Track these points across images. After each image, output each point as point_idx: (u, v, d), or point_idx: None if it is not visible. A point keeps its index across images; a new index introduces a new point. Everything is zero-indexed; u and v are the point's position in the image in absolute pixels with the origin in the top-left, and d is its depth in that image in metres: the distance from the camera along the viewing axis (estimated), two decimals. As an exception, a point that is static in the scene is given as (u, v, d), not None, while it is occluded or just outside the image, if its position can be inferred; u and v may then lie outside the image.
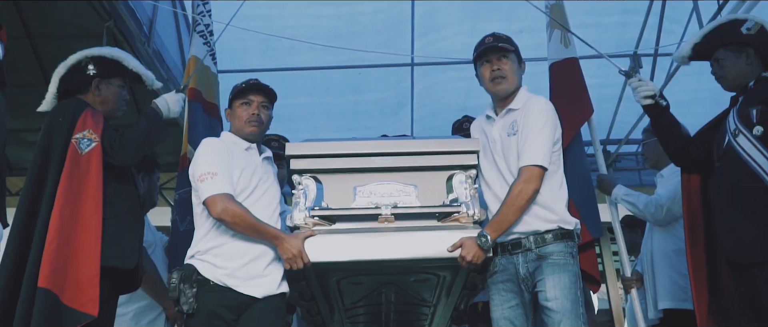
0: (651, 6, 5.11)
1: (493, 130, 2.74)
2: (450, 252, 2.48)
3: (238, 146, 2.73)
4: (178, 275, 2.55)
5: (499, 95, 2.75)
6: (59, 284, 2.38)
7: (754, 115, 2.56)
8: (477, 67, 2.82)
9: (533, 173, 2.54)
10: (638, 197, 3.49)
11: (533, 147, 2.56)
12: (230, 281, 2.54)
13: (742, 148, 2.56)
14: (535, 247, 2.56)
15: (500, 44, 2.72)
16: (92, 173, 2.59)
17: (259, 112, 2.75)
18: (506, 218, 2.52)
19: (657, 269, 3.52)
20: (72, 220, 2.49)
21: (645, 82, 2.93)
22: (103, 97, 2.86)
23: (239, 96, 2.78)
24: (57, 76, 2.86)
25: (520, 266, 2.59)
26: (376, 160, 2.64)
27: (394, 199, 2.59)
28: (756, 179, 2.49)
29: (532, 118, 2.61)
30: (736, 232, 2.53)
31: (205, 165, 2.60)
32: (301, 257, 2.48)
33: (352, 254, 2.51)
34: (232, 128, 2.82)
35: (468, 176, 2.63)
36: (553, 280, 2.51)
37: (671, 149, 2.96)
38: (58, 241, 2.42)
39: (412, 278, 2.77)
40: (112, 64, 2.89)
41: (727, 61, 2.75)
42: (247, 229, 2.54)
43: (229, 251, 2.57)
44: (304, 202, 2.60)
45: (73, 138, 2.62)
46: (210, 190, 2.54)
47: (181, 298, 2.50)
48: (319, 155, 2.65)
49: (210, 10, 4.17)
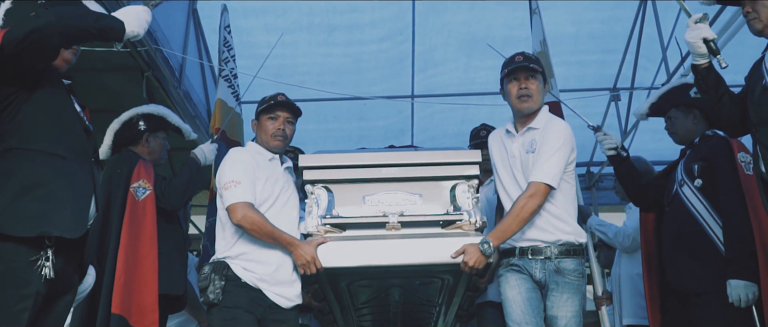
0: (628, 46, 5.56)
1: (513, 146, 2.84)
2: (453, 258, 2.56)
3: (262, 156, 2.85)
4: (210, 268, 2.68)
5: (523, 112, 2.83)
6: (127, 310, 2.94)
7: (696, 170, 2.97)
8: (504, 84, 2.89)
9: (539, 189, 2.64)
10: (608, 227, 4.00)
11: (546, 166, 2.66)
12: (261, 285, 2.67)
13: (685, 197, 2.97)
14: (554, 257, 2.69)
15: (531, 65, 2.80)
16: (148, 217, 3.14)
17: (284, 127, 2.87)
18: (510, 228, 2.63)
19: (623, 290, 4.01)
20: (134, 257, 3.04)
21: (609, 136, 3.36)
22: (151, 148, 3.42)
23: (267, 110, 2.87)
24: (112, 131, 3.40)
25: (538, 271, 2.71)
26: (384, 170, 2.72)
27: (401, 208, 2.68)
28: (696, 224, 2.88)
29: (550, 138, 2.72)
30: (678, 267, 2.94)
31: (231, 174, 2.72)
32: (314, 263, 2.58)
33: (362, 260, 2.60)
34: (257, 139, 2.94)
35: (470, 186, 2.72)
36: (567, 300, 2.66)
37: (631, 192, 3.38)
38: (125, 275, 2.97)
39: (417, 281, 2.87)
40: (158, 120, 3.45)
41: (677, 119, 3.17)
42: (264, 235, 2.65)
43: (258, 257, 2.69)
44: (316, 211, 2.69)
45: (130, 187, 3.16)
46: (232, 197, 2.66)
47: (210, 286, 2.62)
48: (331, 166, 2.74)
49: (234, 56, 4.70)
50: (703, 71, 2.51)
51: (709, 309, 2.82)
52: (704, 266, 2.84)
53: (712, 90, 2.53)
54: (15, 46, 1.91)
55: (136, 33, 2.20)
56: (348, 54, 5.61)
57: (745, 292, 2.65)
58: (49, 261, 1.92)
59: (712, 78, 2.52)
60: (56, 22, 1.96)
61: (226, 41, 4.69)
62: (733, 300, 2.67)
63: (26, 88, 2.04)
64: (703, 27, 2.47)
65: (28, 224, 1.90)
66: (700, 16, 2.48)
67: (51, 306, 2.01)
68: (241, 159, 2.78)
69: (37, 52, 1.98)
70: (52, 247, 1.94)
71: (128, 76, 4.52)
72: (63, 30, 1.99)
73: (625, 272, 4.03)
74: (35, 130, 2.02)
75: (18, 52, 1.92)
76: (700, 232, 2.88)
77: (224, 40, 4.68)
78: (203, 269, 2.69)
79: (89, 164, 2.15)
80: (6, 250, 1.86)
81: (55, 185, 1.97)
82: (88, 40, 2.10)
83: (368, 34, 5.44)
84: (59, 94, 2.15)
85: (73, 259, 2.08)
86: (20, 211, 1.89)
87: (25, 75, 2.03)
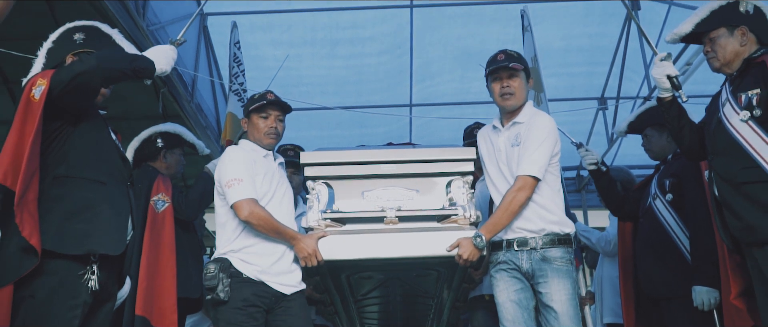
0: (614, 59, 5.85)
1: (499, 140, 2.86)
2: (448, 251, 2.63)
3: (257, 153, 2.87)
4: (216, 266, 2.68)
5: (506, 109, 2.86)
6: (150, 312, 3.24)
7: (667, 185, 3.22)
8: (488, 81, 2.92)
9: (526, 182, 2.68)
10: (592, 233, 4.31)
11: (531, 159, 2.70)
12: (263, 277, 2.71)
13: (658, 210, 3.21)
14: (539, 247, 2.70)
15: (510, 64, 2.82)
16: (167, 227, 3.43)
17: (276, 125, 2.89)
18: (500, 221, 2.67)
19: (604, 290, 4.32)
20: (155, 264, 3.32)
21: (591, 152, 3.61)
22: (169, 163, 3.72)
23: (259, 110, 2.89)
24: (132, 148, 3.70)
25: (524, 261, 2.72)
26: (382, 167, 2.78)
27: (399, 203, 2.73)
28: (666, 235, 3.14)
29: (535, 132, 2.75)
30: (649, 273, 3.20)
31: (232, 172, 2.75)
32: (316, 256, 2.64)
33: (361, 253, 2.66)
34: (249, 137, 2.95)
35: (465, 182, 2.77)
36: (558, 286, 2.66)
37: (610, 204, 3.65)
38: (147, 280, 3.26)
39: (414, 273, 2.95)
40: (174, 137, 3.75)
41: (652, 137, 3.43)
42: (269, 230, 2.70)
43: (259, 251, 2.73)
44: (317, 206, 2.74)
45: (151, 200, 3.46)
46: (237, 195, 2.69)
47: (219, 285, 2.64)
48: (331, 163, 2.79)
49: (243, 71, 4.99)
50: (667, 104, 2.77)
51: (676, 312, 3.09)
52: (672, 273, 3.10)
53: (674, 120, 2.77)
54: (62, 88, 2.19)
55: (164, 70, 2.46)
56: (350, 66, 5.87)
57: (707, 298, 2.90)
58: (95, 274, 2.22)
59: (674, 110, 2.76)
60: (97, 67, 2.23)
61: (235, 57, 4.97)
62: (697, 304, 2.93)
63: (71, 123, 2.33)
64: (667, 65, 2.71)
65: (77, 243, 2.19)
66: (664, 55, 2.71)
67: (95, 313, 2.31)
68: (239, 157, 2.81)
69: (81, 93, 2.27)
70: (97, 262, 2.25)
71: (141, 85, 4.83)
72: (103, 73, 2.26)
73: (606, 274, 4.32)
74: (80, 160, 2.30)
75: (64, 94, 2.21)
76: (670, 242, 3.14)
77: (234, 55, 4.97)
78: (207, 267, 2.72)
79: (126, 188, 2.45)
80: (59, 266, 2.16)
81: (98, 208, 2.27)
82: (123, 80, 2.39)
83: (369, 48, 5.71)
84: (98, 126, 2.45)
85: (113, 272, 2.37)
86: (70, 232, 2.19)
87: (70, 112, 2.32)
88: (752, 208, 2.37)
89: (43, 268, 2.12)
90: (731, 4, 2.62)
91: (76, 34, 2.49)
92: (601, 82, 6.17)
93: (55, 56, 2.46)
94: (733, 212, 2.45)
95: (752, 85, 2.44)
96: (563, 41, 5.70)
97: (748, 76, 2.50)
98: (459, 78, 5.90)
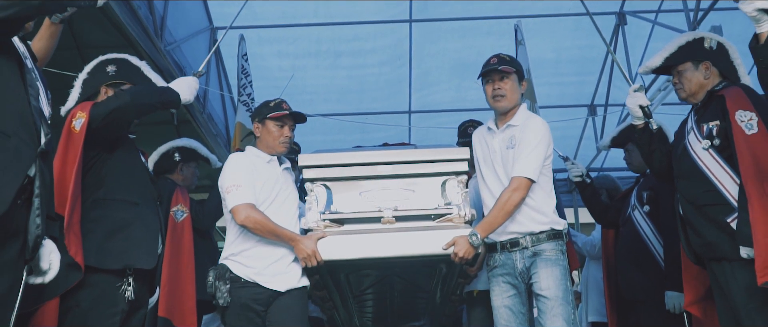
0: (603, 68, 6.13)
1: (493, 142, 2.92)
2: (444, 249, 2.66)
3: (260, 160, 2.92)
4: (214, 274, 2.79)
5: (499, 111, 2.92)
6: (171, 313, 3.52)
7: (645, 197, 3.47)
8: (483, 84, 2.98)
9: (522, 183, 2.74)
10: (579, 238, 4.62)
11: (526, 161, 2.76)
12: (258, 278, 2.77)
13: (636, 220, 3.47)
14: (530, 245, 2.77)
15: (501, 67, 2.86)
16: (186, 235, 3.71)
17: (291, 135, 2.97)
18: (495, 220, 2.74)
19: (589, 291, 4.62)
20: (176, 269, 3.60)
21: (576, 165, 3.91)
22: (185, 175, 4.02)
23: (277, 119, 2.93)
24: (151, 161, 3.98)
25: (518, 261, 2.80)
26: (379, 168, 2.80)
27: (395, 203, 2.76)
28: (642, 243, 3.40)
29: (529, 135, 2.81)
30: (627, 278, 3.47)
31: (232, 178, 2.82)
32: (315, 256, 2.68)
33: (359, 252, 2.69)
34: (260, 143, 2.98)
35: (459, 181, 2.80)
36: (547, 272, 2.73)
37: (594, 214, 3.95)
38: (169, 285, 3.54)
39: (412, 271, 3.01)
40: (190, 151, 4.05)
41: (633, 152, 3.67)
42: (266, 233, 2.75)
43: (257, 253, 2.80)
44: (315, 207, 2.78)
45: (171, 211, 3.75)
46: (235, 200, 2.77)
47: (217, 293, 2.74)
48: (329, 165, 2.82)
49: (251, 82, 5.26)
50: (639, 130, 2.97)
51: (651, 313, 3.36)
52: (648, 278, 3.35)
53: (645, 145, 2.97)
54: (100, 122, 2.49)
55: (188, 100, 2.74)
56: (352, 76, 6.13)
57: (678, 301, 3.14)
58: (131, 286, 2.53)
59: (646, 136, 2.95)
60: (131, 102, 2.52)
61: (243, 68, 5.25)
62: (668, 307, 3.20)
63: (107, 150, 2.63)
64: (640, 95, 2.92)
65: (116, 260, 2.50)
66: (637, 87, 2.92)
67: (130, 318, 2.61)
68: (240, 163, 2.88)
69: (116, 126, 2.57)
70: (132, 275, 2.55)
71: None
72: (136, 108, 2.54)
73: (592, 276, 4.62)
74: (115, 183, 2.60)
75: (102, 127, 2.50)
76: (646, 250, 3.39)
77: (242, 67, 5.24)
78: (208, 276, 2.81)
79: (155, 207, 2.75)
80: (100, 280, 2.47)
81: (133, 227, 2.57)
82: (153, 112, 2.69)
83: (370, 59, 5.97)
84: (130, 151, 2.75)
85: (146, 282, 2.68)
86: (109, 250, 2.49)
87: (107, 140, 2.62)
88: (711, 227, 2.58)
89: (86, 281, 2.42)
90: (697, 40, 2.84)
91: (109, 66, 2.73)
92: (591, 91, 6.43)
93: (90, 86, 2.74)
94: (695, 230, 2.66)
95: (713, 117, 2.66)
96: (555, 53, 5.95)
97: (710, 108, 2.71)
98: (456, 87, 6.16)
